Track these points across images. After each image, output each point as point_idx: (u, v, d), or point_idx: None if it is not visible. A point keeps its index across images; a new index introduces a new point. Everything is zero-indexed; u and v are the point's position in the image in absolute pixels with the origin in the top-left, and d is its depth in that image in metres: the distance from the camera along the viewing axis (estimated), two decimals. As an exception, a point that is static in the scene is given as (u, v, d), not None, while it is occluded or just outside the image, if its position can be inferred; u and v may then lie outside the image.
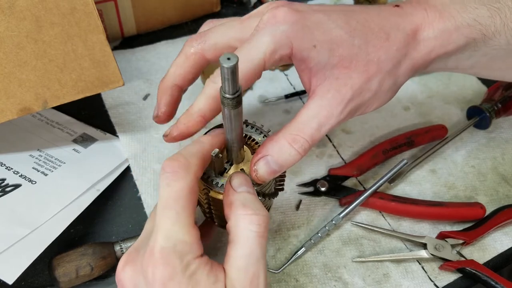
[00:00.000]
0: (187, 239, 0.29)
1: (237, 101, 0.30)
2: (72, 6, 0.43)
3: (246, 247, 0.30)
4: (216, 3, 0.69)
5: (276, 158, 0.34)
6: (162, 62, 0.63)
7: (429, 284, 0.45)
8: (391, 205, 0.48)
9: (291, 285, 0.44)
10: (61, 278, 0.41)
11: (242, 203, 0.32)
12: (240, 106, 0.31)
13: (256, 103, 0.60)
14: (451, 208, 0.48)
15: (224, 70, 0.27)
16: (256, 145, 0.38)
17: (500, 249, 0.47)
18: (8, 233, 0.43)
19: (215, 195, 0.35)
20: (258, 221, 0.31)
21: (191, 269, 0.29)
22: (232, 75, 0.28)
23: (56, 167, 0.50)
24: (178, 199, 0.30)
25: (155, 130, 0.56)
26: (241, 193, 0.33)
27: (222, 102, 0.30)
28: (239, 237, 0.31)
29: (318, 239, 0.46)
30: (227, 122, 0.32)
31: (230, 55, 0.27)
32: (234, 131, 0.33)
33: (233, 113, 0.31)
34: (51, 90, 0.45)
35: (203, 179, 0.35)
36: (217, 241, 0.47)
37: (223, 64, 0.27)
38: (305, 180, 0.52)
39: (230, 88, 0.29)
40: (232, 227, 0.31)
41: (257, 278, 0.30)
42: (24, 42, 0.42)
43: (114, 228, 0.48)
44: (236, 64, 0.27)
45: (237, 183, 0.33)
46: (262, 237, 0.31)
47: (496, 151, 0.56)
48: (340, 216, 0.47)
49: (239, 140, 0.35)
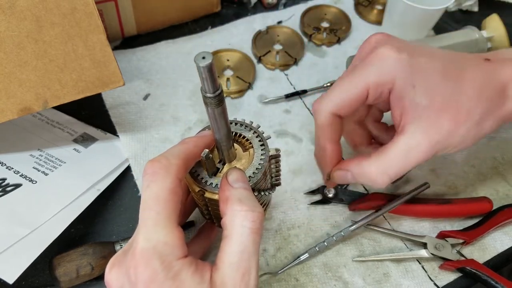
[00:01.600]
0: (168, 240, 0.29)
1: (218, 99, 0.30)
2: (72, 6, 0.43)
3: (239, 242, 0.31)
4: (216, 3, 0.69)
5: (357, 178, 0.39)
6: (162, 62, 0.63)
7: (429, 283, 0.45)
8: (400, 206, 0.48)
9: (291, 284, 0.44)
10: (62, 277, 0.41)
11: (239, 198, 0.32)
12: (223, 104, 0.31)
13: (256, 103, 0.60)
14: (459, 205, 0.48)
15: (201, 70, 0.27)
16: (246, 141, 0.38)
17: (500, 249, 0.47)
18: (8, 232, 0.43)
19: (210, 195, 0.35)
20: (253, 217, 0.31)
21: (174, 270, 0.29)
22: (210, 73, 0.28)
23: (56, 166, 0.50)
24: (157, 199, 0.30)
25: (155, 130, 0.56)
26: (237, 188, 0.33)
27: (205, 102, 0.30)
28: (233, 233, 0.31)
29: (324, 247, 0.46)
30: (213, 122, 0.32)
31: (205, 54, 0.27)
32: (222, 130, 0.33)
33: (217, 112, 0.31)
34: (52, 90, 0.45)
35: (198, 180, 0.36)
36: (217, 240, 0.47)
37: (199, 64, 0.27)
38: (305, 179, 0.52)
39: (210, 87, 0.29)
40: (227, 222, 0.32)
41: (248, 274, 0.30)
42: (24, 42, 0.42)
43: (114, 227, 0.48)
44: (211, 62, 0.27)
45: (233, 178, 0.33)
46: (256, 234, 0.31)
47: (496, 151, 0.56)
48: (350, 229, 0.46)
49: (227, 139, 0.35)
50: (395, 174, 0.37)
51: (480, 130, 0.37)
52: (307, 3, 0.72)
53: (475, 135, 0.37)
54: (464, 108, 0.36)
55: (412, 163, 0.36)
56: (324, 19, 0.70)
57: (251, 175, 0.36)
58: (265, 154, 0.37)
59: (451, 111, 0.36)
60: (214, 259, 0.45)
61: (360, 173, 0.38)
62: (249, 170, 0.36)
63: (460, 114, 0.36)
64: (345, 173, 0.39)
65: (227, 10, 0.71)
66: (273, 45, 0.66)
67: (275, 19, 0.70)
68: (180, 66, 0.63)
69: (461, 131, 0.36)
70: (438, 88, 0.36)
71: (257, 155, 0.37)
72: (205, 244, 0.44)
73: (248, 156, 0.38)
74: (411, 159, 0.36)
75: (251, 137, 0.38)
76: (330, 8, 0.71)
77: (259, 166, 0.36)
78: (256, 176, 0.36)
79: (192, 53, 0.64)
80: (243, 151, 0.38)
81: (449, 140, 0.36)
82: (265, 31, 0.67)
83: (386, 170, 0.37)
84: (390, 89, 0.37)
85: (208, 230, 0.44)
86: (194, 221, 0.48)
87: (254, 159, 0.37)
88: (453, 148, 0.37)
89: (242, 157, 0.38)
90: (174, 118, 0.57)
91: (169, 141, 0.55)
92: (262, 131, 0.39)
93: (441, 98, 0.36)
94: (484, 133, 0.38)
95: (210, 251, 0.46)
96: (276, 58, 0.64)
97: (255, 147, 0.37)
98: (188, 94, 0.60)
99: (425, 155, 0.36)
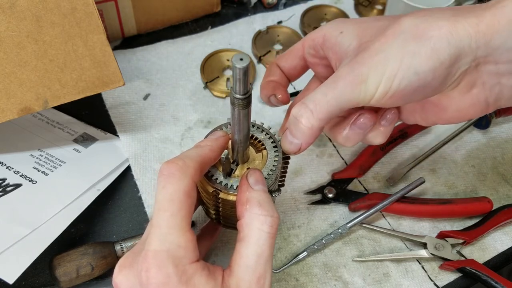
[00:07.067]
0: (182, 242, 0.29)
1: (247, 101, 0.31)
2: (72, 6, 0.43)
3: (257, 246, 0.30)
4: (217, 4, 0.69)
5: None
6: (162, 62, 0.63)
7: (429, 283, 0.45)
8: (400, 206, 0.48)
9: (291, 284, 0.44)
10: (62, 277, 0.41)
11: (259, 202, 0.32)
12: (250, 107, 0.32)
13: (256, 103, 0.60)
14: (459, 205, 0.48)
15: (236, 71, 0.28)
16: (259, 143, 0.38)
17: (500, 249, 0.47)
18: (8, 232, 0.43)
19: (225, 196, 0.35)
20: (271, 222, 0.31)
21: (187, 274, 0.29)
22: (244, 75, 0.28)
23: (56, 166, 0.50)
24: (173, 201, 0.30)
25: (156, 130, 0.56)
26: (257, 191, 0.33)
27: (233, 103, 0.31)
28: (251, 236, 0.31)
29: (322, 245, 0.46)
30: (236, 123, 0.33)
31: (243, 55, 0.28)
32: (242, 132, 0.34)
33: (242, 114, 0.32)
34: (52, 90, 0.45)
35: (212, 180, 0.35)
36: (218, 241, 0.47)
37: (235, 65, 0.27)
38: (305, 179, 0.52)
39: (241, 88, 0.30)
40: (245, 225, 0.31)
41: (263, 278, 0.30)
42: (24, 42, 0.42)
43: (114, 227, 0.48)
44: (248, 65, 0.28)
45: (254, 180, 0.33)
46: (273, 239, 0.31)
47: (496, 151, 0.56)
48: (348, 226, 0.46)
49: (246, 140, 0.35)
50: (322, 107, 0.32)
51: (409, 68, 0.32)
52: (307, 3, 0.72)
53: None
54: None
55: (341, 101, 0.32)
56: (324, 19, 0.70)
57: (266, 176, 0.36)
58: (279, 155, 0.37)
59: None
60: (215, 259, 0.45)
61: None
62: (264, 171, 0.36)
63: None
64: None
65: (227, 10, 0.71)
66: (273, 45, 0.66)
67: (275, 19, 0.70)
68: (180, 66, 0.63)
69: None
70: (365, 29, 0.35)
71: (270, 157, 0.37)
72: (208, 244, 0.44)
73: (261, 157, 0.38)
74: (339, 96, 0.32)
75: (263, 138, 0.38)
76: (330, 8, 0.71)
77: (273, 167, 0.36)
78: (271, 178, 0.36)
79: (192, 53, 0.64)
80: (255, 152, 0.38)
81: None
82: (265, 31, 0.67)
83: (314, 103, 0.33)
84: (321, 43, 0.38)
85: (211, 231, 0.44)
86: (194, 221, 0.48)
87: (268, 161, 0.37)
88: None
89: (255, 158, 0.38)
90: (174, 118, 0.57)
91: (169, 141, 0.55)
92: (274, 133, 0.39)
93: (369, 35, 0.34)
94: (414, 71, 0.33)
95: (210, 251, 0.46)
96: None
97: (268, 148, 0.38)
98: (188, 94, 0.60)
99: (353, 91, 0.32)
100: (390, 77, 0.31)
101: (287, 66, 0.43)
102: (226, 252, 0.46)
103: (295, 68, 0.43)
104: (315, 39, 0.39)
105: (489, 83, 0.32)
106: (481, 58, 0.31)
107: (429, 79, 0.30)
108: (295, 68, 0.43)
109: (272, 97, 0.42)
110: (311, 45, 0.40)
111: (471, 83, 0.32)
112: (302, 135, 0.33)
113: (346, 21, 0.38)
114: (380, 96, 0.31)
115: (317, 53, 0.40)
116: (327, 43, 0.38)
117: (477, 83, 0.32)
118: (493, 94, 0.32)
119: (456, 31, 0.30)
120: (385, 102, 0.32)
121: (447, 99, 0.34)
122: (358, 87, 0.31)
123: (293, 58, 0.42)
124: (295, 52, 0.42)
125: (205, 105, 0.59)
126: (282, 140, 0.36)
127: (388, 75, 0.30)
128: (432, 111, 0.35)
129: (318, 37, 0.39)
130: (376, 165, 0.53)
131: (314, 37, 0.39)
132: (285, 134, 0.35)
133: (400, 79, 0.30)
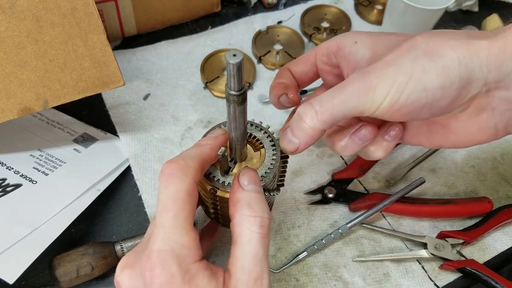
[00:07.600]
0: (185, 242, 0.29)
1: (242, 98, 0.31)
2: (72, 6, 0.43)
3: (250, 247, 0.30)
4: (217, 4, 0.69)
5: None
6: (162, 62, 0.63)
7: (429, 283, 0.45)
8: (400, 206, 0.48)
9: (292, 284, 0.44)
10: (62, 277, 0.41)
11: (248, 203, 0.32)
12: (245, 103, 0.31)
13: (257, 103, 0.60)
14: (459, 205, 0.48)
15: (230, 67, 0.28)
16: (257, 142, 0.38)
17: (500, 249, 0.47)
18: (8, 233, 0.43)
19: (222, 194, 0.35)
20: (261, 223, 0.31)
21: (191, 273, 0.29)
22: (238, 71, 0.28)
23: (56, 167, 0.50)
24: (175, 201, 0.30)
25: (156, 130, 0.56)
26: (248, 191, 0.32)
27: (228, 99, 0.31)
28: (243, 237, 0.31)
29: (322, 245, 0.46)
30: (232, 120, 0.33)
31: (236, 52, 0.27)
32: (239, 129, 0.34)
33: (238, 110, 0.32)
34: (52, 90, 0.45)
35: (209, 178, 0.36)
36: (217, 241, 0.47)
37: (229, 61, 0.27)
38: (305, 179, 0.52)
39: (236, 84, 0.29)
40: (236, 226, 0.31)
41: (260, 279, 0.30)
42: (24, 42, 0.42)
43: (114, 227, 0.48)
44: (241, 60, 0.27)
45: (245, 180, 0.33)
46: (265, 238, 0.31)
47: (496, 151, 0.56)
48: (348, 226, 0.47)
49: (243, 138, 0.35)
50: (330, 114, 0.32)
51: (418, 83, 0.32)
52: (307, 3, 0.72)
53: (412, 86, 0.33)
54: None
55: (347, 107, 0.32)
56: (324, 19, 0.70)
57: (263, 174, 0.36)
58: (277, 154, 0.37)
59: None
60: (215, 259, 0.45)
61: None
62: (261, 170, 0.36)
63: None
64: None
65: (227, 10, 0.71)
66: (273, 45, 0.66)
67: (275, 19, 0.70)
68: (180, 66, 0.63)
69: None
70: (380, 42, 0.36)
71: (268, 155, 0.37)
72: (208, 244, 0.44)
73: (259, 156, 0.38)
74: (347, 102, 0.32)
75: (261, 137, 0.38)
76: (330, 8, 0.71)
77: (271, 166, 0.36)
78: (268, 176, 0.36)
79: (192, 53, 0.64)
80: (253, 151, 0.38)
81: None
82: (265, 31, 0.67)
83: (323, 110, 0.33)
84: (335, 51, 0.39)
85: (211, 230, 0.44)
86: (195, 221, 0.48)
87: (266, 159, 0.37)
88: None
89: (253, 156, 0.38)
90: (174, 118, 0.57)
91: (169, 141, 0.55)
92: (272, 132, 0.39)
93: (383, 48, 0.35)
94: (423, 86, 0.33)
95: (210, 251, 0.46)
96: (276, 58, 0.64)
97: (266, 147, 0.38)
98: (188, 94, 0.60)
99: (360, 98, 0.32)
100: (399, 89, 0.31)
101: (298, 71, 0.43)
102: (226, 252, 0.46)
103: (306, 74, 0.43)
104: (329, 47, 0.40)
105: (499, 109, 0.32)
106: (493, 83, 0.31)
107: (438, 97, 0.30)
108: (306, 74, 0.43)
109: (283, 96, 0.42)
110: (325, 52, 0.40)
111: (481, 108, 0.32)
112: (303, 134, 0.34)
113: (361, 32, 0.38)
114: (386, 107, 0.31)
115: (330, 61, 0.40)
116: (340, 52, 0.38)
117: (487, 108, 0.32)
118: (504, 120, 0.32)
119: (467, 52, 0.30)
120: (391, 115, 0.32)
121: (455, 121, 0.34)
122: (366, 95, 0.31)
123: (305, 63, 0.42)
124: (307, 58, 0.42)
125: (205, 105, 0.59)
126: (281, 138, 0.36)
127: (397, 87, 0.31)
128: (439, 132, 0.35)
129: (333, 45, 0.39)
130: (376, 165, 0.53)
131: (328, 45, 0.40)
132: (285, 132, 0.35)
133: (409, 93, 0.30)
